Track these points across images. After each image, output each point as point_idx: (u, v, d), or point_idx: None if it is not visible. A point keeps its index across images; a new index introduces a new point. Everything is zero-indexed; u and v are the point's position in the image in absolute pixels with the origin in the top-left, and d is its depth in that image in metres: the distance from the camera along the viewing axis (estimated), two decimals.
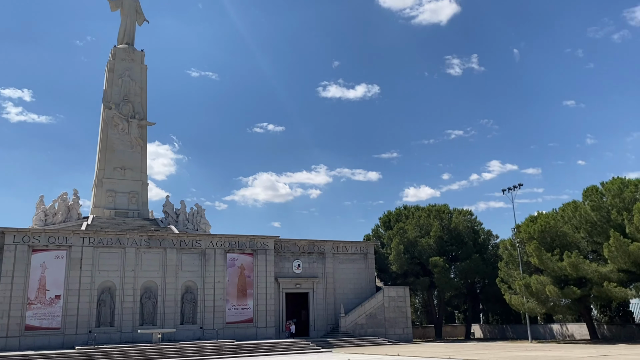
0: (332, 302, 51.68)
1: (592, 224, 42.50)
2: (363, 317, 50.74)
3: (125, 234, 45.19)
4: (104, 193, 54.05)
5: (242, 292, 47.85)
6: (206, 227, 54.15)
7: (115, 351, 37.23)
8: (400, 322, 52.13)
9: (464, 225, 57.73)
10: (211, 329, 45.46)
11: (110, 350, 37.33)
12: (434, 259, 53.76)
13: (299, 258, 51.67)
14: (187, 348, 39.22)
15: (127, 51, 59.71)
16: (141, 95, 58.74)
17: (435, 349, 39.94)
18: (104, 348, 37.61)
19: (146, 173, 57.04)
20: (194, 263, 46.80)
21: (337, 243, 53.81)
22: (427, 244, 55.20)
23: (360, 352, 37.66)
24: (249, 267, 48.64)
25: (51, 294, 41.70)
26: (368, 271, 54.43)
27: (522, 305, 46.40)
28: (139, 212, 54.60)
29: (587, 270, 40.91)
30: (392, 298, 52.36)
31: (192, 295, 46.16)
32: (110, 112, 56.37)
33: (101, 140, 56.41)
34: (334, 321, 51.07)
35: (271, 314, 48.18)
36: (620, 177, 43.66)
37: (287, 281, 50.33)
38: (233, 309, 47.14)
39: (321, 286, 51.73)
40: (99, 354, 36.45)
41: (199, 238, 47.76)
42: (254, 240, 49.22)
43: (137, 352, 37.40)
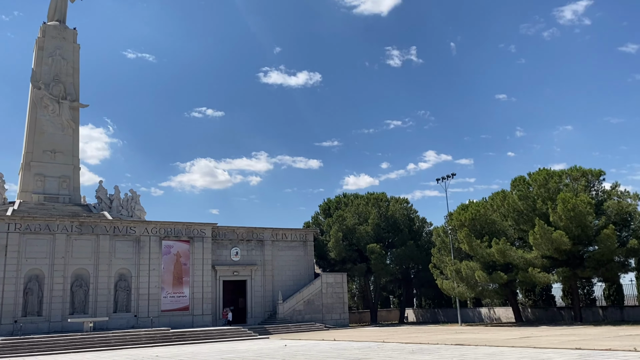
0: (270, 290, 51.85)
1: (519, 213, 44.59)
2: (301, 304, 51.24)
3: (55, 220, 43.46)
4: (32, 177, 51.61)
5: (178, 280, 47.17)
6: (141, 214, 52.83)
7: (42, 341, 35.91)
8: (338, 308, 53.02)
9: (400, 213, 59.17)
10: (146, 317, 44.63)
11: (37, 340, 35.96)
12: (371, 246, 54.87)
13: (237, 246, 51.40)
14: (120, 337, 38.36)
15: (58, 29, 56.93)
16: (73, 76, 56.27)
17: (370, 333, 40.97)
18: (31, 338, 36.18)
19: (78, 157, 54.88)
20: (128, 250, 45.67)
21: (277, 230, 53.90)
22: (365, 231, 56.22)
23: (297, 338, 38.10)
24: (186, 254, 47.96)
25: None
26: (307, 258, 54.90)
27: (453, 289, 48.23)
28: (70, 198, 52.55)
29: (513, 257, 42.97)
30: (330, 284, 53.13)
31: (126, 283, 45.10)
32: (39, 93, 53.70)
33: (29, 122, 53.71)
34: (272, 308, 51.31)
35: (208, 302, 47.82)
36: (546, 169, 45.97)
37: (224, 269, 50.01)
38: (169, 297, 46.44)
39: (259, 273, 51.75)
40: (25, 344, 35.04)
41: (133, 225, 46.58)
42: (191, 227, 48.54)
43: (67, 342, 36.23)
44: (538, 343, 24.95)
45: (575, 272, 41.76)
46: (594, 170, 44.03)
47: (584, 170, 44.18)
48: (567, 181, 44.08)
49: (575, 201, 39.58)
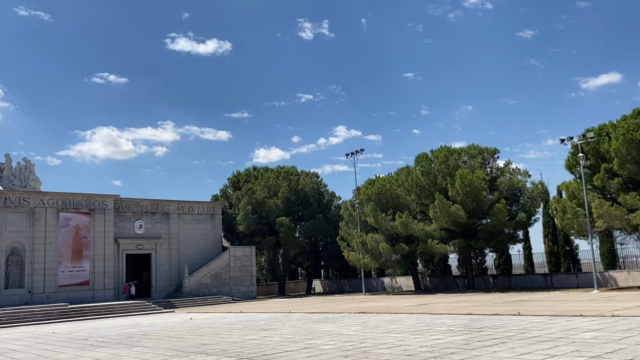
0: (176, 263, 50.90)
1: (421, 188, 46.76)
2: (208, 277, 50.83)
3: None
4: None
5: (77, 254, 45.02)
6: (36, 184, 49.47)
7: None
8: (246, 281, 53.17)
9: (310, 187, 59.97)
10: (41, 292, 42.33)
11: None
12: (280, 219, 55.28)
13: (141, 218, 49.79)
14: (12, 313, 36.16)
15: None
16: None
17: (278, 304, 41.57)
18: None
19: None
20: (22, 223, 42.85)
21: (183, 203, 52.77)
22: (274, 205, 56.47)
23: (204, 311, 37.87)
24: (86, 227, 45.78)
25: None
26: (215, 231, 54.34)
27: (359, 261, 49.96)
28: None
29: (415, 229, 45.15)
30: (238, 257, 53.07)
31: (19, 258, 42.40)
32: None
33: None
34: (178, 282, 50.48)
35: (110, 276, 46.15)
36: (446, 146, 48.36)
37: (128, 242, 48.35)
38: (67, 271, 44.27)
39: (165, 247, 50.57)
40: None
41: (27, 196, 43.65)
42: (91, 199, 46.31)
43: None
44: (434, 309, 26.57)
45: (470, 243, 44.64)
46: (490, 148, 46.99)
47: (481, 148, 47.00)
48: (465, 158, 46.69)
49: (471, 177, 42.10)
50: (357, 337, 16.75)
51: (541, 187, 44.93)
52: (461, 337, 15.11)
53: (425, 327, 18.64)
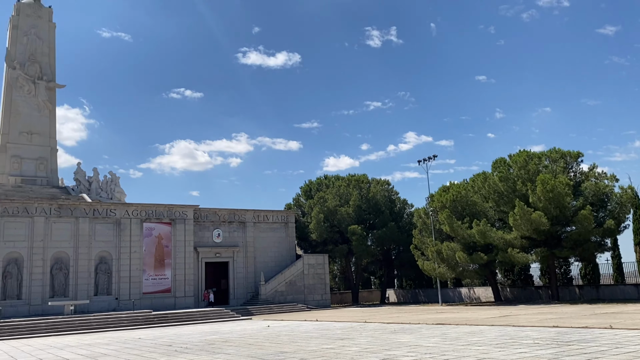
0: (252, 271, 51.96)
1: (499, 194, 45.15)
2: (283, 285, 51.48)
3: (33, 203, 42.79)
4: (8, 159, 50.62)
5: (159, 262, 46.98)
6: (121, 196, 52.27)
7: (23, 325, 35.59)
8: (319, 289, 53.40)
9: (381, 195, 59.49)
10: (127, 300, 44.45)
11: (17, 323, 35.63)
12: (352, 227, 55.16)
13: (219, 227, 51.27)
14: (101, 319, 38.20)
15: (32, 7, 55.43)
16: (49, 56, 55.01)
17: (352, 313, 41.40)
18: (11, 321, 35.83)
19: (55, 138, 53.92)
20: (109, 233, 45.26)
21: (258, 212, 53.85)
22: (346, 213, 56.45)
23: (280, 319, 38.34)
24: (167, 236, 47.71)
25: None
26: (288, 240, 55.05)
27: (434, 270, 48.86)
28: (47, 180, 51.73)
29: (493, 237, 43.60)
30: (312, 265, 53.42)
31: (107, 266, 44.79)
32: (14, 73, 52.43)
33: (4, 103, 52.51)
34: (255, 289, 51.48)
35: (190, 284, 47.76)
36: (526, 150, 46.49)
37: (206, 250, 49.92)
38: (150, 279, 46.27)
39: (242, 255, 51.77)
40: (5, 327, 34.69)
41: (113, 207, 46.11)
42: (172, 209, 48.23)
43: (48, 325, 35.97)
44: (517, 321, 25.47)
45: (553, 252, 42.54)
46: (572, 152, 44.68)
47: (563, 152, 44.81)
48: (546, 163, 44.67)
49: (554, 182, 40.17)
50: (437, 349, 16.31)
51: (631, 192, 42.14)
52: (549, 351, 14.34)
53: (509, 339, 17.88)
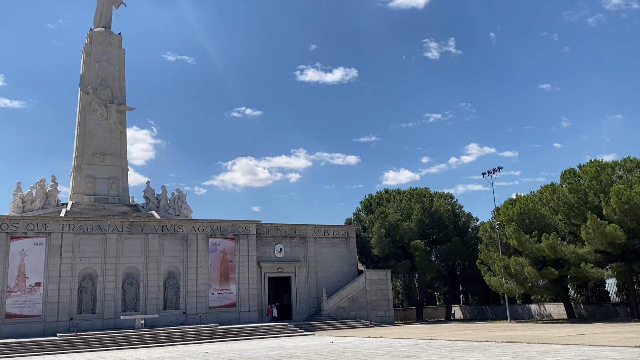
0: (314, 286, 52.03)
1: (569, 206, 43.24)
2: (345, 300, 51.21)
3: (106, 220, 44.79)
4: (83, 179, 53.34)
5: (224, 277, 47.89)
6: (187, 212, 53.86)
7: (97, 338, 37.10)
8: (382, 305, 52.73)
9: (444, 209, 58.32)
10: (194, 314, 45.50)
11: (92, 336, 37.18)
12: (415, 242, 54.30)
13: (280, 242, 51.79)
14: (170, 333, 39.24)
15: (104, 35, 58.58)
16: (119, 80, 57.82)
17: (417, 330, 40.56)
18: (86, 335, 37.44)
19: (126, 158, 56.40)
20: (176, 248, 46.64)
21: (319, 227, 54.02)
22: (408, 228, 55.68)
23: (343, 335, 38.08)
24: (231, 251, 48.63)
25: (31, 282, 41.30)
26: (350, 255, 54.82)
27: (501, 286, 47.23)
28: (119, 198, 54.08)
29: (564, 252, 41.72)
30: (374, 281, 52.88)
31: (175, 281, 46.09)
32: (88, 97, 55.43)
33: (79, 126, 55.52)
34: (317, 304, 51.47)
35: (254, 298, 48.36)
36: (597, 160, 44.42)
37: (269, 265, 50.47)
38: (216, 293, 47.20)
39: (303, 270, 51.98)
40: (81, 340, 36.28)
41: (180, 223, 47.54)
42: (236, 225, 49.17)
43: (120, 338, 37.32)
44: (593, 340, 24.13)
45: (631, 266, 40.21)
46: None
47: (638, 161, 42.46)
48: (620, 172, 42.50)
49: (630, 193, 38.09)
50: None
51: None
52: None
53: None
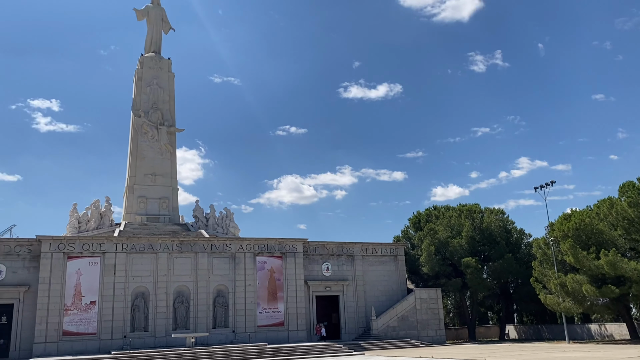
0: (362, 305, 51.37)
1: (629, 221, 41.28)
2: (395, 320, 50.28)
3: (158, 239, 45.74)
4: (135, 199, 54.84)
5: (272, 295, 47.93)
6: (235, 231, 54.42)
7: (150, 355, 37.66)
8: (433, 324, 51.48)
9: (495, 225, 56.80)
10: (243, 332, 45.63)
11: (145, 354, 37.76)
12: (466, 260, 52.99)
13: (328, 260, 51.52)
14: (220, 352, 39.43)
15: (154, 59, 60.56)
16: (169, 103, 59.48)
17: (470, 350, 39.31)
18: (140, 353, 38.07)
19: (176, 179, 57.68)
20: (225, 267, 47.07)
21: (366, 245, 53.47)
22: (458, 245, 54.45)
23: (394, 355, 37.29)
24: (279, 270, 48.69)
25: (87, 300, 42.47)
26: (399, 273, 53.94)
27: (558, 305, 45.34)
28: (169, 217, 55.23)
29: (625, 269, 39.73)
30: (424, 300, 51.75)
31: (224, 299, 46.43)
32: (139, 120, 57.23)
33: (131, 148, 57.29)
34: (365, 324, 50.74)
35: (302, 317, 48.11)
36: None
37: (316, 284, 50.21)
38: (264, 312, 47.25)
39: (351, 289, 51.46)
40: (134, 358, 36.91)
41: (229, 242, 48.03)
42: (283, 243, 49.28)
43: (172, 356, 37.76)
44: None
45: None
46: None
47: None
48: None
49: None
50: None
51: None
52: None
53: None
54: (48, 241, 42.47)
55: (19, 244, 42.97)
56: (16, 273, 41.98)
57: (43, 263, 41.83)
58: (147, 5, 63.13)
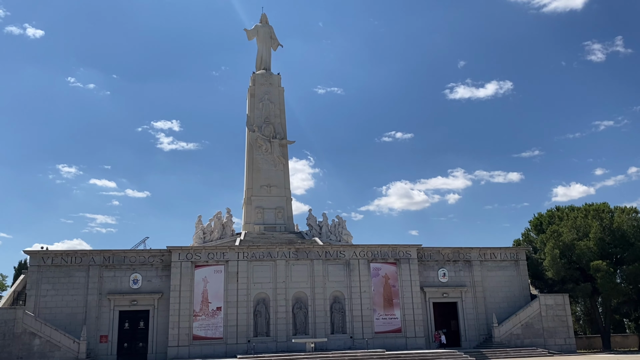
0: (482, 312, 49.52)
1: None
2: (518, 327, 47.84)
3: (275, 248, 47.52)
4: (253, 210, 57.50)
5: (388, 302, 47.74)
6: (348, 238, 55.06)
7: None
8: (561, 332, 48.29)
9: (628, 225, 52.14)
10: (361, 338, 45.87)
11: (269, 359, 39.25)
12: (595, 263, 49.24)
13: (443, 267, 50.35)
14: (339, 357, 39.98)
15: (265, 76, 63.34)
16: (280, 117, 61.83)
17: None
18: (263, 357, 39.69)
19: (289, 189, 59.71)
20: (340, 273, 47.71)
21: (484, 250, 51.56)
22: (586, 247, 50.72)
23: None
24: (393, 276, 48.42)
25: (213, 306, 45.11)
26: (520, 278, 51.35)
27: None
28: (285, 226, 57.19)
29: None
30: (550, 306, 48.74)
31: (340, 305, 47.04)
32: (253, 135, 60.07)
33: (247, 161, 60.24)
34: (486, 331, 48.84)
35: (419, 324, 47.39)
36: None
37: (433, 290, 49.23)
38: (381, 318, 47.18)
39: (470, 295, 49.82)
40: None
41: (342, 249, 48.67)
42: (396, 249, 48.96)
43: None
44: None
45: None
46: None
47: None
48: None
49: None
50: None
51: None
52: None
53: None
54: (177, 251, 45.78)
55: (152, 254, 46.78)
56: (150, 282, 45.72)
57: (173, 272, 45.14)
58: (256, 25, 66.36)
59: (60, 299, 44.10)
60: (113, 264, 45.55)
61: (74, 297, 44.30)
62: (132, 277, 45.51)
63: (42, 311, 43.30)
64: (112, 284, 45.21)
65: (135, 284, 45.41)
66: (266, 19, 67.01)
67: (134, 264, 45.88)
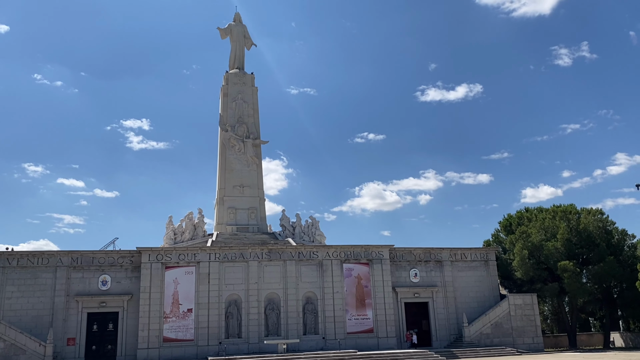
0: (453, 312, 50.10)
1: None
2: (488, 327, 48.56)
3: (248, 248, 47.19)
4: (225, 210, 57.01)
5: (360, 302, 47.90)
6: (321, 239, 55.07)
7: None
8: (529, 331, 49.20)
9: (594, 226, 53.43)
10: (333, 339, 45.91)
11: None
12: (562, 263, 50.31)
13: (415, 267, 50.78)
14: (311, 358, 39.95)
15: (238, 75, 62.89)
16: (254, 116, 61.47)
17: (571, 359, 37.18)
18: (235, 359, 39.38)
19: (263, 189, 59.39)
20: (312, 274, 47.66)
21: (455, 250, 52.19)
22: (553, 248, 51.79)
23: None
24: (366, 276, 48.61)
25: (184, 308, 44.56)
26: (490, 279, 52.14)
27: None
28: (258, 227, 56.88)
29: None
30: (519, 306, 49.62)
31: (313, 306, 47.01)
32: (226, 134, 59.55)
33: (220, 161, 59.70)
34: (457, 331, 49.42)
35: (391, 324, 47.68)
36: None
37: (405, 290, 49.60)
38: (353, 319, 47.31)
39: (441, 295, 50.36)
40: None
41: (315, 249, 48.64)
42: (369, 250, 49.18)
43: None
44: None
45: None
46: None
47: None
48: None
49: None
50: None
51: None
52: None
53: None
54: (147, 252, 45.08)
55: (122, 255, 45.97)
56: (120, 283, 44.93)
57: (143, 273, 44.43)
58: (230, 24, 65.84)
59: (26, 301, 43.03)
60: (81, 265, 44.62)
61: (40, 299, 43.26)
62: (101, 278, 44.66)
63: (7, 314, 42.19)
64: (80, 286, 44.29)
65: (104, 285, 44.57)
66: (240, 18, 66.59)
67: (103, 265, 45.02)
